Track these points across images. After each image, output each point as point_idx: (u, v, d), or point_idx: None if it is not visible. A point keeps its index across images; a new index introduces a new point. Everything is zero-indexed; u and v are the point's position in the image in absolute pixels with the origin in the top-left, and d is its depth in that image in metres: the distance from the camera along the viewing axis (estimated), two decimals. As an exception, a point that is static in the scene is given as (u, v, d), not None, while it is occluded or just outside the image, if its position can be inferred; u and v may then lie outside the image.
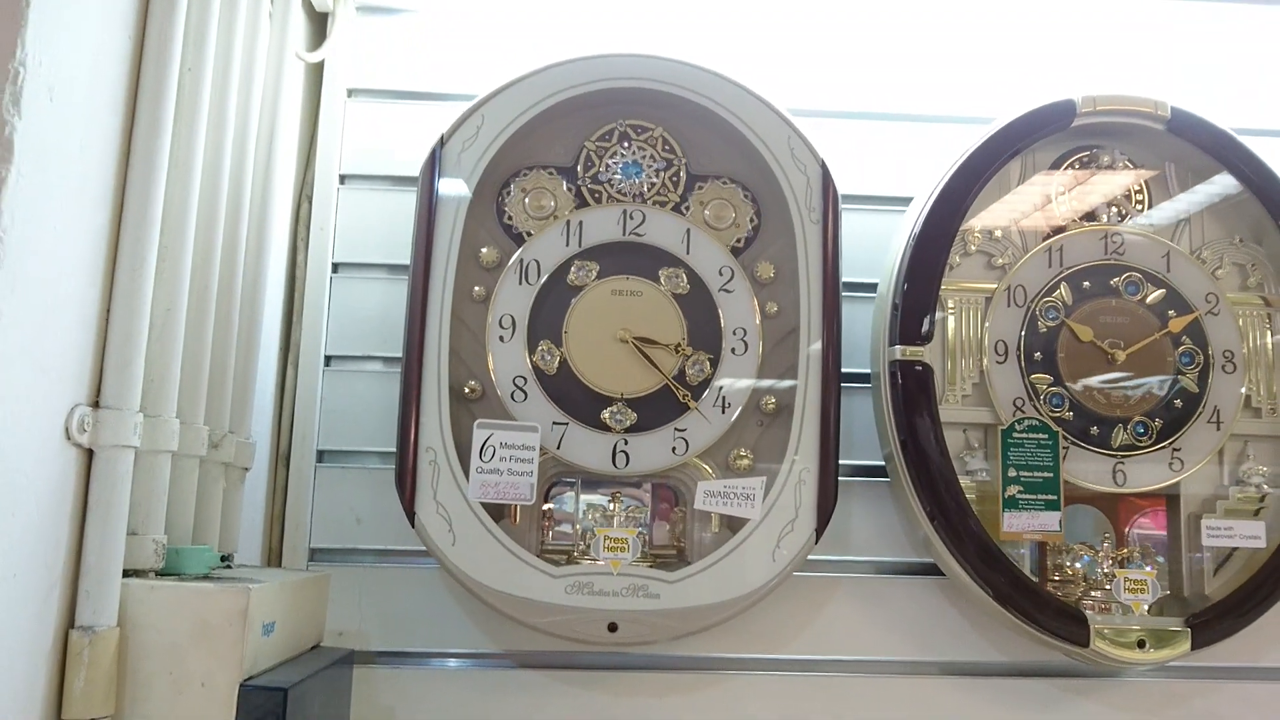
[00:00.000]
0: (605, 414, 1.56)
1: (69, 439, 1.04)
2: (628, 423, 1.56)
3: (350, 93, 1.77)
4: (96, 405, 1.08)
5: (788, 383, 1.58)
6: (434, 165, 1.57)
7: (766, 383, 1.59)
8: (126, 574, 1.11)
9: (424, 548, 1.49)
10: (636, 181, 1.65)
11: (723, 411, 1.57)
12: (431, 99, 1.77)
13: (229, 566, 1.38)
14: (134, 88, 1.15)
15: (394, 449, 1.51)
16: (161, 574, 1.18)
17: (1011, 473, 1.58)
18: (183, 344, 1.24)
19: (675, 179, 1.66)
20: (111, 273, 1.11)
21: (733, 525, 1.54)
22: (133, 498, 1.13)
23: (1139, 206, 1.73)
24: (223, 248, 1.35)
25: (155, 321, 1.18)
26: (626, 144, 1.66)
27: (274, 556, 1.64)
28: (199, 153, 1.26)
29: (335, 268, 1.73)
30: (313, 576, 1.43)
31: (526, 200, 1.63)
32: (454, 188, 1.57)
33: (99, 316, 1.10)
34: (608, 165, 1.65)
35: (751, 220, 1.65)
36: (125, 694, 1.08)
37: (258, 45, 1.44)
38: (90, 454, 1.08)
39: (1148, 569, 1.60)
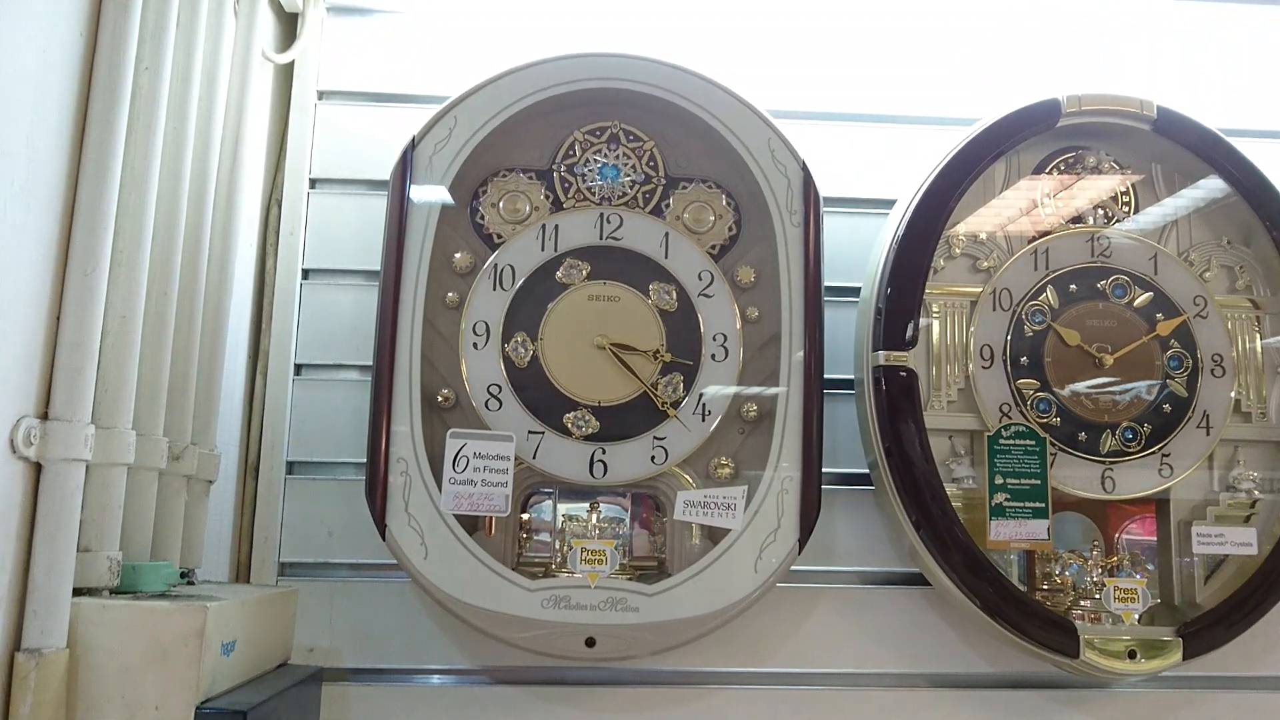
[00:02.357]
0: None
1: (14, 452, 1.00)
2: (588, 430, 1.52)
3: (321, 95, 1.73)
4: (45, 417, 1.04)
5: (769, 389, 1.54)
6: (405, 168, 1.53)
7: (748, 390, 1.56)
8: (78, 593, 1.07)
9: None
10: (614, 184, 1.61)
11: (703, 419, 1.53)
12: (404, 101, 1.73)
13: (190, 583, 1.33)
14: (87, 85, 1.11)
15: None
16: (116, 592, 1.13)
17: (998, 480, 1.54)
18: (140, 352, 1.19)
19: (653, 181, 1.62)
20: (62, 278, 1.07)
21: (714, 536, 1.51)
22: (85, 513, 1.09)
23: (1125, 208, 1.71)
24: (184, 252, 1.31)
25: (109, 329, 1.14)
26: (603, 146, 1.63)
27: (242, 571, 1.59)
28: (157, 154, 1.21)
29: (306, 274, 1.68)
30: (279, 592, 1.39)
31: (501, 204, 1.59)
32: (426, 192, 1.53)
33: (48, 324, 1.05)
34: (584, 168, 1.62)
35: (731, 224, 1.62)
36: (75, 719, 1.03)
37: (222, 45, 1.40)
38: (38, 468, 1.04)
39: (1138, 577, 1.57)
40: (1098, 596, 1.56)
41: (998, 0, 1.80)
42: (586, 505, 1.54)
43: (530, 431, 1.51)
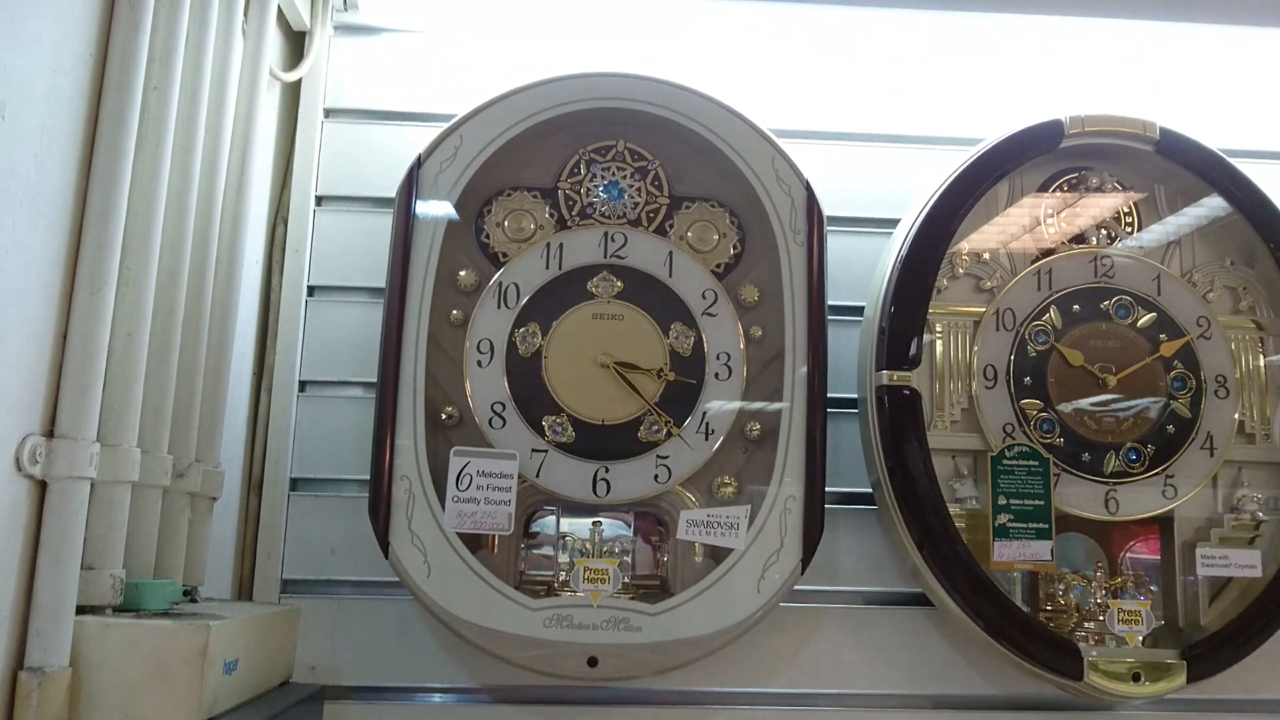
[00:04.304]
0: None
1: (20, 470, 1.00)
2: (565, 438, 1.52)
3: (327, 113, 1.74)
4: (50, 435, 1.04)
5: (773, 407, 1.54)
6: (411, 186, 1.54)
7: (751, 408, 1.56)
8: (82, 611, 1.06)
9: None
10: (618, 203, 1.62)
11: (706, 438, 1.53)
12: (410, 120, 1.74)
13: (194, 600, 1.33)
14: (95, 105, 1.11)
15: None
16: (120, 610, 1.13)
17: (1002, 500, 1.54)
18: (145, 370, 1.19)
19: (657, 200, 1.63)
20: (69, 296, 1.08)
21: (717, 555, 1.50)
22: (90, 531, 1.09)
23: (1128, 229, 1.71)
24: (190, 270, 1.31)
25: (115, 346, 1.14)
26: (608, 165, 1.63)
27: (244, 588, 1.59)
28: (165, 172, 1.22)
29: (311, 291, 1.69)
30: (281, 611, 1.38)
31: (506, 222, 1.60)
32: (431, 209, 1.54)
33: (54, 342, 1.06)
34: (589, 186, 1.62)
35: (735, 243, 1.62)
36: (77, 738, 1.03)
37: (230, 65, 1.41)
38: (43, 486, 1.04)
39: (1142, 599, 1.56)
40: (1101, 618, 1.55)
41: (1001, 22, 1.81)
42: (589, 524, 1.54)
43: (534, 450, 1.51)
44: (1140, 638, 1.53)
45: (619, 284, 1.58)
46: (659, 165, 1.64)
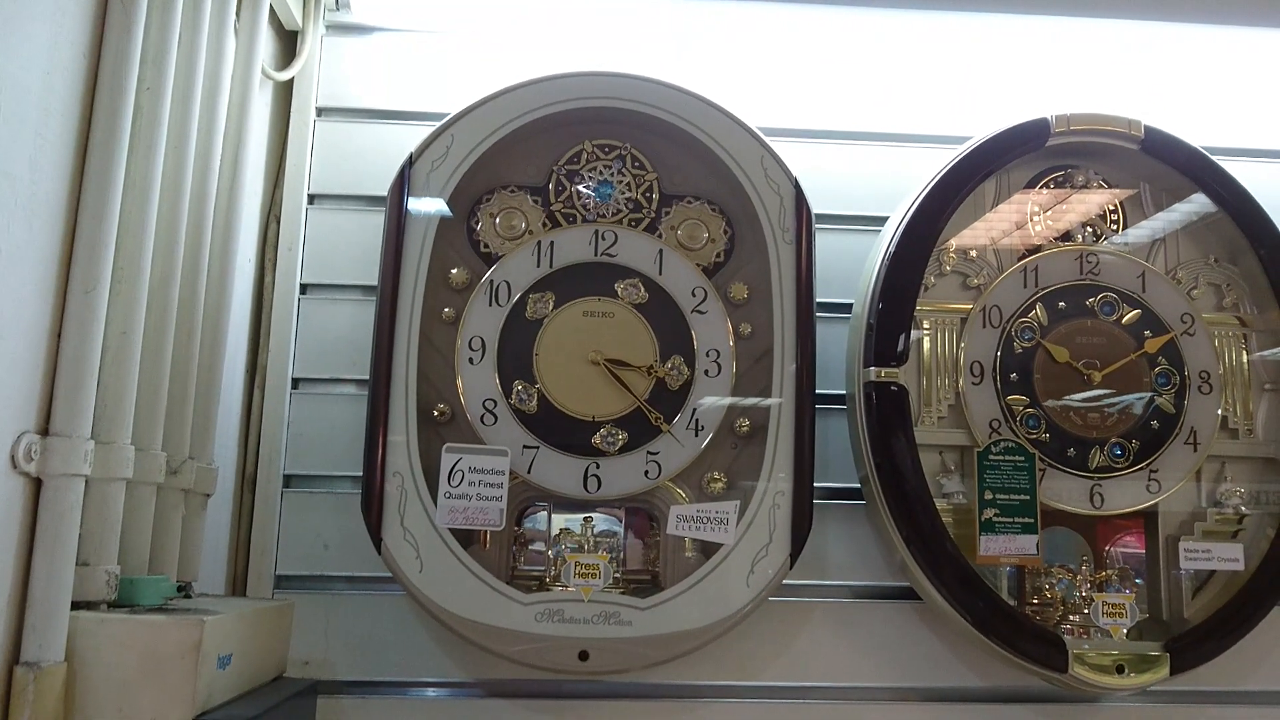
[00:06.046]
0: (596, 438, 1.54)
1: (15, 468, 1.01)
2: (619, 444, 1.54)
3: (319, 112, 1.75)
4: (45, 432, 1.05)
5: (762, 403, 1.56)
6: (403, 185, 1.55)
7: (740, 404, 1.57)
8: (76, 606, 1.08)
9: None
10: (608, 201, 1.63)
11: (696, 434, 1.55)
12: (402, 118, 1.75)
13: (187, 596, 1.34)
14: (89, 106, 1.12)
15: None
16: (114, 606, 1.14)
17: (988, 495, 1.56)
18: (139, 368, 1.20)
19: (648, 199, 1.64)
20: (63, 295, 1.09)
21: (706, 549, 1.52)
22: (84, 527, 1.10)
23: (1114, 226, 1.73)
24: (184, 269, 1.32)
25: (109, 345, 1.15)
26: (598, 163, 1.64)
27: (238, 584, 1.60)
28: (158, 172, 1.23)
29: (303, 289, 1.70)
30: (275, 606, 1.40)
31: (497, 220, 1.61)
32: (423, 207, 1.55)
33: (49, 340, 1.07)
34: (579, 185, 1.64)
35: (725, 240, 1.64)
36: (72, 732, 1.05)
37: (223, 64, 1.42)
38: (38, 483, 1.05)
39: (1126, 592, 1.58)
40: (1086, 611, 1.57)
41: (988, 21, 1.82)
42: (580, 519, 1.56)
43: (525, 446, 1.53)
44: (1124, 630, 1.56)
45: (552, 296, 1.58)
46: (650, 163, 1.65)
